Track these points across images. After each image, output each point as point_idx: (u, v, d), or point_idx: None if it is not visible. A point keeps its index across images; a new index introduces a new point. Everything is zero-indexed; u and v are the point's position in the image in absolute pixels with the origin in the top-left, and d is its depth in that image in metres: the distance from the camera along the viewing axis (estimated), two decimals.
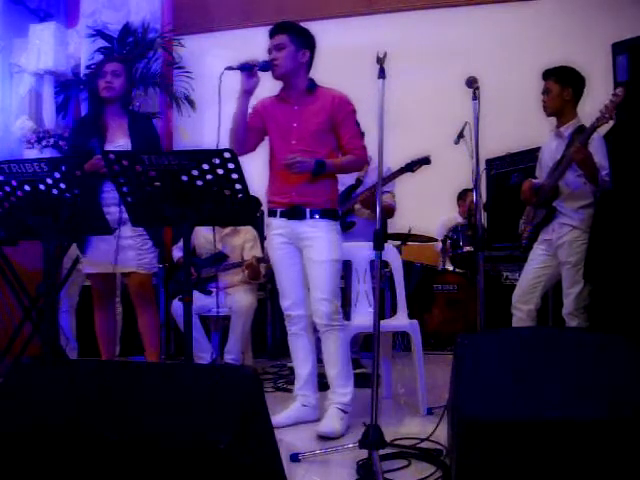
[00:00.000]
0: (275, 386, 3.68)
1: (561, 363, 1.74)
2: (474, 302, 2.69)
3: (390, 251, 3.30)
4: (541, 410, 1.63)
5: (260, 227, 4.41)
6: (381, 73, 2.30)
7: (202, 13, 6.20)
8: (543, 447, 1.58)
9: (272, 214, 2.84)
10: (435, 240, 5.19)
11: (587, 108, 3.12)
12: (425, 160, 3.68)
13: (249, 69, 2.64)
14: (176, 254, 4.25)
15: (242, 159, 2.21)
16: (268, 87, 2.80)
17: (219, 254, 4.08)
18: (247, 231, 4.19)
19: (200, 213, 2.21)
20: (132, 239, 3.03)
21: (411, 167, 3.70)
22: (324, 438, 2.62)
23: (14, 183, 2.45)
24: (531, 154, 3.93)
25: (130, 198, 2.28)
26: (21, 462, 1.54)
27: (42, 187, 2.43)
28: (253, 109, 2.81)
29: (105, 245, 2.98)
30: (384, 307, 4.05)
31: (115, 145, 3.00)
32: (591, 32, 5.02)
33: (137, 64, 5.13)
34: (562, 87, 3.10)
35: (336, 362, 2.76)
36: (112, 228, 2.74)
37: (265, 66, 2.66)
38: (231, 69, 2.60)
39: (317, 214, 2.75)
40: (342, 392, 2.76)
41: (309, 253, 2.75)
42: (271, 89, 2.84)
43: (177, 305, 3.80)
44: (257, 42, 3.03)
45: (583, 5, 5.38)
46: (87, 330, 3.62)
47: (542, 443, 1.58)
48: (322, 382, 2.92)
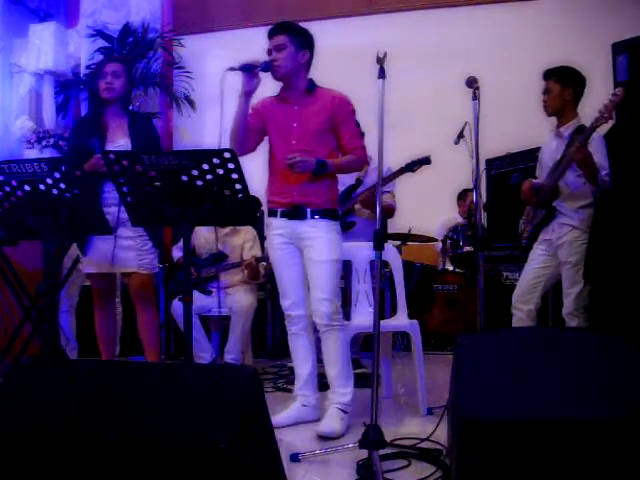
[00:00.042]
0: (275, 386, 3.68)
1: (561, 363, 1.74)
2: (474, 302, 2.69)
3: (390, 251, 3.30)
4: (541, 410, 1.63)
5: (260, 227, 4.42)
6: (381, 73, 2.30)
7: (202, 13, 6.20)
8: (543, 447, 1.58)
9: (272, 214, 2.84)
10: (435, 240, 5.19)
11: (587, 108, 3.12)
12: (425, 160, 3.68)
13: (250, 70, 2.63)
14: (176, 254, 4.25)
15: (242, 159, 2.21)
16: (269, 87, 2.80)
17: (218, 254, 4.08)
18: (247, 231, 4.19)
19: (200, 213, 2.21)
20: (132, 240, 3.03)
21: (411, 167, 3.70)
22: (324, 438, 2.62)
23: (14, 183, 2.45)
24: (531, 154, 3.93)
25: (130, 198, 2.28)
26: (21, 462, 1.54)
27: (42, 187, 2.43)
28: (253, 109, 2.80)
29: (105, 245, 2.99)
30: (384, 307, 4.05)
31: (115, 145, 3.00)
32: (591, 32, 5.02)
33: (137, 64, 5.13)
34: (563, 87, 3.10)
35: (336, 362, 2.76)
36: (113, 228, 2.74)
37: (266, 67, 2.66)
38: (233, 70, 2.60)
39: (317, 214, 2.75)
40: (342, 392, 2.76)
41: (309, 253, 2.75)
42: (272, 90, 2.84)
43: (177, 305, 3.80)
44: (257, 42, 3.03)
45: (583, 5, 5.38)
46: (87, 330, 3.62)
47: (542, 443, 1.58)
48: (322, 382, 2.92)
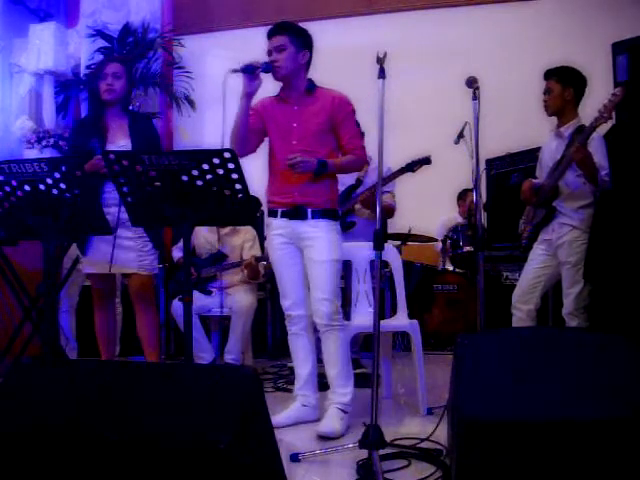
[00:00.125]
0: (275, 386, 3.68)
1: (561, 363, 1.73)
2: (474, 302, 2.69)
3: (390, 251, 3.30)
4: (541, 410, 1.63)
5: (260, 227, 4.42)
6: (381, 73, 2.30)
7: (202, 13, 6.19)
8: (543, 447, 1.58)
9: (272, 214, 2.84)
10: (435, 240, 5.18)
11: (587, 108, 3.12)
12: (426, 160, 3.68)
13: (252, 72, 2.63)
14: (176, 254, 4.25)
15: (242, 159, 2.21)
16: (268, 88, 2.80)
17: (218, 254, 4.08)
18: (246, 231, 4.19)
19: (200, 213, 2.21)
20: (133, 241, 3.03)
21: (412, 167, 3.70)
22: (324, 438, 2.62)
23: (14, 183, 2.45)
24: (531, 154, 3.93)
25: (130, 198, 2.28)
26: (21, 462, 1.54)
27: (42, 187, 2.43)
28: (253, 109, 2.80)
29: (105, 245, 2.98)
30: (384, 307, 4.04)
31: (116, 146, 2.99)
32: (591, 32, 5.02)
33: (137, 64, 5.13)
34: (563, 87, 3.10)
35: (336, 362, 2.76)
36: (113, 228, 2.74)
37: (267, 68, 2.66)
38: (235, 72, 2.60)
39: (318, 214, 2.75)
40: (342, 392, 2.76)
41: (310, 253, 2.75)
42: (271, 90, 2.84)
43: (177, 305, 3.80)
44: (257, 42, 3.03)
45: (583, 5, 5.38)
46: (87, 330, 3.62)
47: (542, 443, 1.58)
48: (322, 382, 2.92)
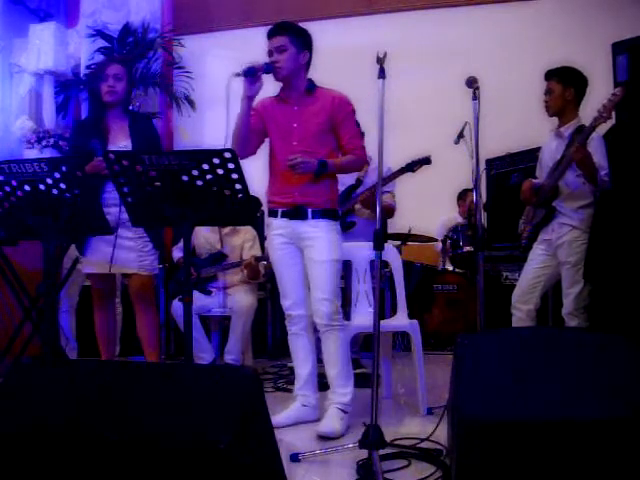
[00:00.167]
0: (275, 386, 3.68)
1: (561, 363, 1.73)
2: (474, 302, 2.69)
3: (390, 251, 3.30)
4: (541, 410, 1.63)
5: (260, 227, 4.42)
6: (381, 73, 2.30)
7: (202, 13, 6.19)
8: (543, 447, 1.58)
9: (273, 214, 2.84)
10: (435, 240, 5.19)
11: (587, 108, 3.12)
12: (426, 160, 3.68)
13: (253, 74, 2.62)
14: (176, 254, 4.25)
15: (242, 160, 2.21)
16: (270, 88, 2.80)
17: (218, 254, 4.08)
18: (246, 231, 4.19)
19: (200, 213, 2.21)
20: (133, 241, 3.03)
21: (412, 167, 3.70)
22: (324, 438, 2.62)
23: (14, 183, 2.45)
24: (531, 154, 3.93)
25: (130, 198, 2.28)
26: (21, 462, 1.54)
27: (42, 187, 2.43)
28: (253, 110, 2.79)
29: (105, 245, 2.98)
30: (384, 307, 4.04)
31: (117, 147, 2.99)
32: (591, 32, 5.02)
33: (137, 64, 5.13)
34: (564, 87, 3.10)
35: (336, 362, 2.76)
36: (113, 228, 2.74)
37: (268, 69, 2.66)
38: (238, 76, 2.60)
39: (318, 214, 2.75)
40: (342, 392, 2.76)
41: (310, 253, 2.75)
42: (273, 90, 2.84)
43: (177, 305, 3.80)
44: (257, 42, 3.03)
45: (583, 5, 5.38)
46: (87, 330, 3.62)
47: (542, 443, 1.58)
48: (322, 382, 2.92)
